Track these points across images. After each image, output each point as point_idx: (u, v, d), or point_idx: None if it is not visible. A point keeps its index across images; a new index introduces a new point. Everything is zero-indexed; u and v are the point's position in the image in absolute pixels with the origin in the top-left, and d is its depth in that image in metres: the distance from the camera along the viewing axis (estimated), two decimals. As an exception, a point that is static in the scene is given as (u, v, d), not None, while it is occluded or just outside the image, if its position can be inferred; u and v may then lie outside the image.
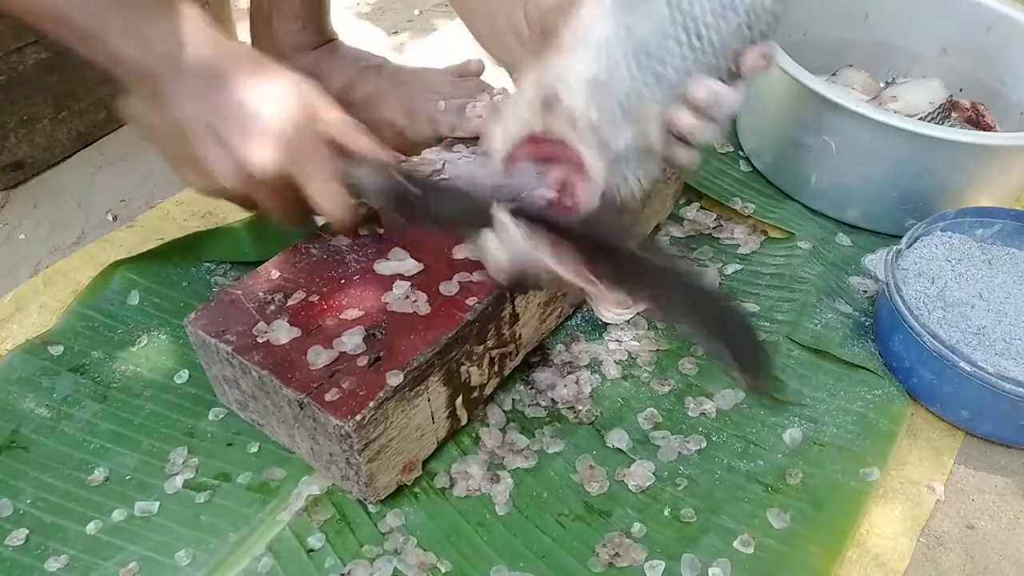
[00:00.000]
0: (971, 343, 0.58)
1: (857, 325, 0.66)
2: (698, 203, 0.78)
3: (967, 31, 0.85)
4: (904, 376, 0.61)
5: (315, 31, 0.77)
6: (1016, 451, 0.59)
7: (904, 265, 0.64)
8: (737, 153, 0.84)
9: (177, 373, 0.60)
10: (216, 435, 0.56)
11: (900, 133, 0.67)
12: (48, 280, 0.68)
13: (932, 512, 0.55)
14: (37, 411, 0.57)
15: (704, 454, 0.56)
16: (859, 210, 0.75)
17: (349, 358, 0.49)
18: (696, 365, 0.62)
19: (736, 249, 0.73)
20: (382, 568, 0.49)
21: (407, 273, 0.55)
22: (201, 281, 0.66)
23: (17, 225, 0.77)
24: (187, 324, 0.52)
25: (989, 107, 0.81)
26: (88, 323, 0.63)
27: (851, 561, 0.51)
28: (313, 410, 0.47)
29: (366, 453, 0.48)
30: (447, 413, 0.54)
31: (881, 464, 0.55)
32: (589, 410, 0.58)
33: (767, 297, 0.68)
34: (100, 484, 0.53)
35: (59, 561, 0.49)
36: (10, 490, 0.53)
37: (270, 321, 0.51)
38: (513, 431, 0.57)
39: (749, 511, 0.53)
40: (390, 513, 0.52)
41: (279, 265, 0.56)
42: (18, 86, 0.77)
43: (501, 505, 0.53)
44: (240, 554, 0.50)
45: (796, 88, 0.72)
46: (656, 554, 0.50)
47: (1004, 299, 0.61)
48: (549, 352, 0.62)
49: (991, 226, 0.67)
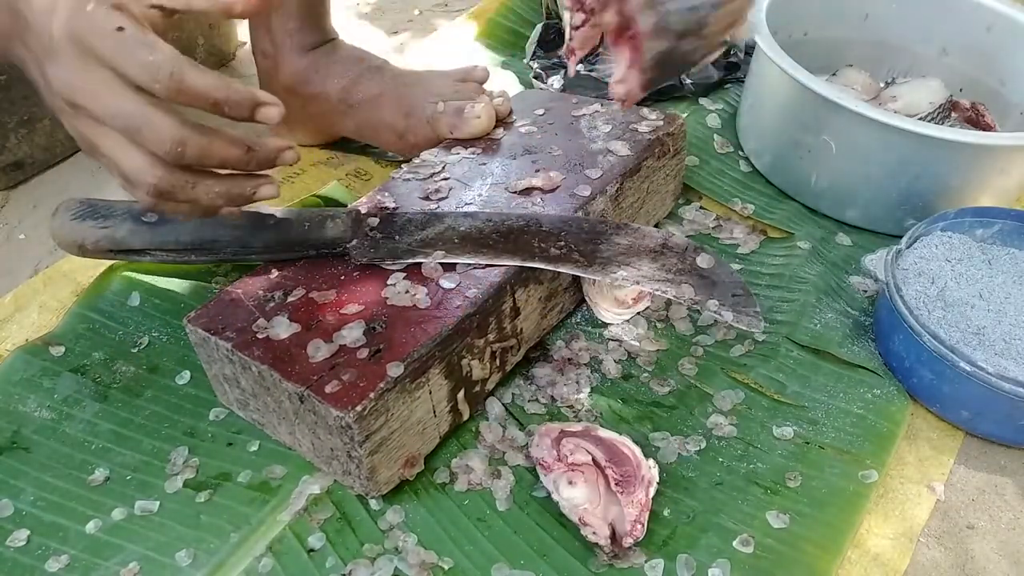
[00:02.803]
0: (971, 343, 0.58)
1: (857, 325, 0.66)
2: (698, 203, 0.78)
3: (967, 31, 0.85)
4: (904, 376, 0.61)
5: (314, 31, 0.77)
6: (1016, 451, 0.59)
7: (904, 265, 0.64)
8: (737, 153, 0.84)
9: (178, 374, 0.60)
10: (217, 435, 0.56)
11: (900, 133, 0.67)
12: (48, 280, 0.68)
13: (932, 512, 0.55)
14: (38, 412, 0.57)
15: (704, 455, 0.56)
16: (859, 210, 0.75)
17: (349, 351, 0.50)
18: (696, 365, 0.62)
19: (736, 249, 0.73)
20: (383, 567, 0.49)
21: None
22: (201, 282, 0.66)
23: (17, 225, 0.77)
24: (187, 323, 0.53)
25: (989, 107, 0.81)
26: (89, 324, 0.63)
27: (851, 561, 0.51)
28: (313, 403, 0.47)
29: (367, 445, 0.48)
30: (449, 407, 0.54)
31: (880, 467, 0.56)
32: (588, 409, 0.58)
33: (767, 297, 0.68)
34: (101, 484, 0.53)
35: (59, 561, 0.49)
36: (11, 490, 0.53)
37: (270, 318, 0.52)
38: (512, 427, 0.57)
39: (749, 512, 0.53)
40: (390, 510, 0.52)
41: (279, 264, 0.56)
42: (18, 86, 0.77)
43: (502, 501, 0.53)
44: (241, 554, 0.50)
45: (796, 88, 0.72)
46: (656, 554, 0.50)
47: (1004, 299, 0.61)
48: (549, 348, 0.62)
49: (991, 226, 0.67)
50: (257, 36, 0.77)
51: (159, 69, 0.40)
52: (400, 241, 0.57)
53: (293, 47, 0.76)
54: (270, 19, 0.75)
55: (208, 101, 0.42)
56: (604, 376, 0.61)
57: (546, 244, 0.57)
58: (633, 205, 0.67)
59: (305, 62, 0.76)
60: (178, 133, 0.42)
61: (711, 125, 0.86)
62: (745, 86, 0.84)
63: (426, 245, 0.56)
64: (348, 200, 0.71)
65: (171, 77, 0.40)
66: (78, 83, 0.42)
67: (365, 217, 0.58)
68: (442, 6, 1.17)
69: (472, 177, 0.64)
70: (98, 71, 0.41)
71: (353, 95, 0.75)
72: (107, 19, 0.40)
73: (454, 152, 0.67)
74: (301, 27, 0.75)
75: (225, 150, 0.44)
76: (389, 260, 0.56)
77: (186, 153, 0.42)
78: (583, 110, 0.72)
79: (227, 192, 0.46)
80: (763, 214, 0.76)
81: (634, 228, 0.60)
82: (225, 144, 0.44)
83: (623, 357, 0.62)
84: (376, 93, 0.75)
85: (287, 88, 0.78)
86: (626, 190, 0.65)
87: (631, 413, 0.59)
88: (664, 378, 0.61)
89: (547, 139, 0.68)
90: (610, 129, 0.69)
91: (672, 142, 0.69)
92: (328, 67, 0.76)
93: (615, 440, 0.53)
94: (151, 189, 0.44)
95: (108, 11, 0.41)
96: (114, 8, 0.41)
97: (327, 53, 0.77)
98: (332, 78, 0.76)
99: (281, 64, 0.77)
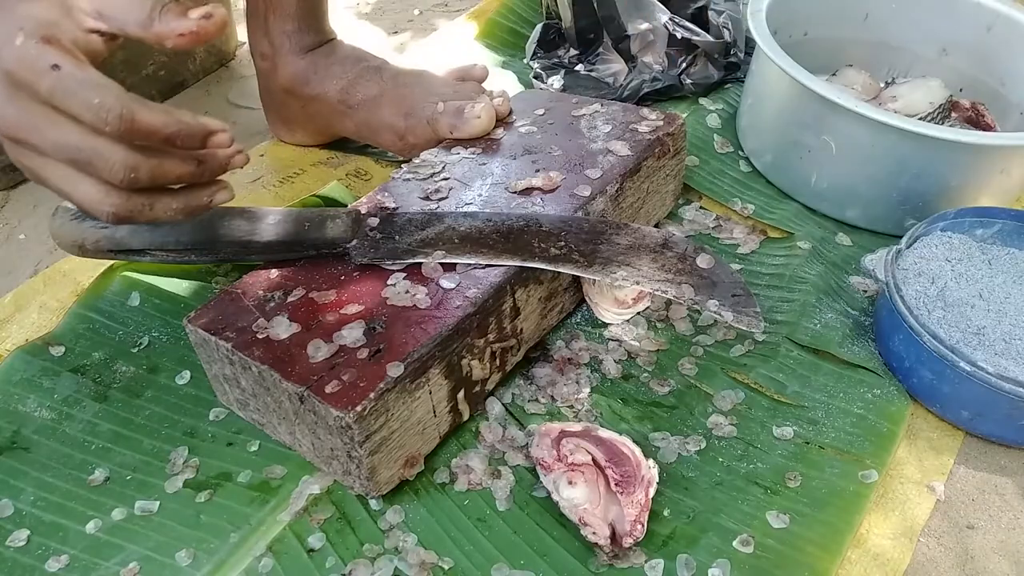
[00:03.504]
0: (971, 343, 0.58)
1: (857, 325, 0.66)
2: (698, 203, 0.78)
3: (967, 31, 0.85)
4: (904, 376, 0.61)
5: (312, 32, 0.76)
6: (1016, 451, 0.59)
7: (904, 265, 0.64)
8: (737, 153, 0.84)
9: (178, 374, 0.60)
10: (217, 435, 0.56)
11: (900, 133, 0.67)
12: (48, 280, 0.68)
13: (932, 512, 0.55)
14: (38, 412, 0.57)
15: (704, 455, 0.56)
16: (859, 210, 0.75)
17: (349, 351, 0.50)
18: (696, 365, 0.62)
19: (736, 249, 0.73)
20: (383, 567, 0.49)
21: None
22: (201, 282, 0.66)
23: (17, 225, 0.77)
24: (187, 323, 0.53)
25: (989, 107, 0.81)
26: (89, 324, 0.63)
27: (851, 561, 0.51)
28: (313, 403, 0.47)
29: (367, 446, 0.48)
30: (449, 407, 0.54)
31: (880, 466, 0.55)
32: (588, 409, 0.58)
33: (767, 297, 0.68)
34: (101, 484, 0.53)
35: (59, 561, 0.49)
36: (11, 490, 0.53)
37: (270, 318, 0.52)
38: (512, 427, 0.57)
39: (749, 512, 0.53)
40: (390, 510, 0.52)
41: (279, 264, 0.56)
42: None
43: (502, 501, 0.53)
44: (241, 554, 0.50)
45: (796, 88, 0.72)
46: (656, 554, 0.50)
47: (1004, 299, 0.61)
48: (549, 348, 0.62)
49: (991, 226, 0.67)
50: (255, 38, 0.77)
51: (108, 111, 0.39)
52: (400, 241, 0.57)
53: (292, 48, 0.76)
54: (268, 21, 0.75)
55: (160, 137, 0.41)
56: (604, 376, 0.61)
57: (546, 244, 0.57)
58: (633, 205, 0.67)
59: (304, 63, 0.76)
60: (130, 160, 0.41)
61: (711, 125, 0.86)
62: (745, 86, 0.84)
63: (426, 245, 0.56)
64: (348, 200, 0.71)
65: (121, 119, 0.39)
66: (16, 118, 0.41)
67: (365, 217, 0.58)
68: (442, 6, 1.17)
69: (472, 177, 0.64)
70: (37, 106, 0.40)
71: (352, 96, 0.75)
72: (40, 56, 0.39)
73: (454, 152, 0.67)
74: (299, 28, 0.75)
75: (177, 168, 0.43)
76: (389, 260, 0.56)
77: (139, 178, 0.42)
78: (583, 110, 0.72)
79: (185, 206, 0.46)
80: (763, 214, 0.76)
81: (634, 228, 0.60)
82: (176, 163, 0.43)
83: (623, 357, 0.62)
84: (375, 94, 0.74)
85: (286, 89, 0.78)
86: (626, 190, 0.65)
87: (631, 413, 0.59)
88: (664, 378, 0.61)
89: (547, 139, 0.68)
90: (610, 129, 0.69)
91: (672, 142, 0.69)
92: (327, 68, 0.76)
93: (615, 440, 0.53)
94: (109, 216, 0.43)
95: (39, 46, 0.39)
96: (44, 42, 0.39)
97: (326, 54, 0.77)
98: (331, 79, 0.76)
99: (280, 65, 0.77)
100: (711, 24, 0.90)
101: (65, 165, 0.42)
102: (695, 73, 0.89)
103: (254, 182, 0.79)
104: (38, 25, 0.40)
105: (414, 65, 0.79)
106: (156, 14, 0.41)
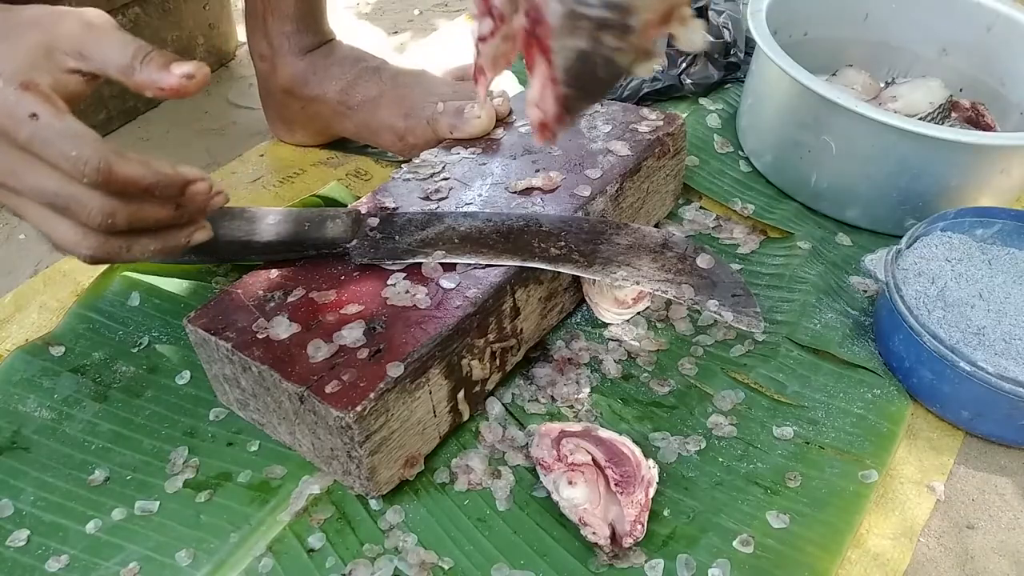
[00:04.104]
0: (971, 343, 0.58)
1: (857, 325, 0.66)
2: (698, 203, 0.78)
3: (967, 31, 0.85)
4: (904, 376, 0.61)
5: (311, 32, 0.76)
6: (1016, 451, 0.59)
7: (904, 265, 0.64)
8: (737, 153, 0.84)
9: (178, 374, 0.60)
10: (217, 435, 0.56)
11: (900, 133, 0.67)
12: (48, 280, 0.68)
13: (932, 512, 0.55)
14: (38, 412, 0.57)
15: (704, 455, 0.56)
16: (859, 210, 0.75)
17: (349, 351, 0.50)
18: (696, 365, 0.62)
19: (736, 249, 0.73)
20: (383, 567, 0.49)
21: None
22: (201, 282, 0.66)
23: (17, 225, 0.77)
24: (187, 323, 0.53)
25: (989, 107, 0.81)
26: (89, 324, 0.63)
27: (851, 561, 0.51)
28: (313, 403, 0.47)
29: (367, 446, 0.48)
30: (449, 407, 0.54)
31: (880, 466, 0.55)
32: (588, 409, 0.58)
33: (767, 297, 0.68)
34: (101, 484, 0.53)
35: (59, 561, 0.49)
36: (11, 490, 0.53)
37: (270, 318, 0.52)
38: (512, 427, 0.57)
39: (749, 512, 0.53)
40: (390, 510, 0.52)
41: (279, 264, 0.56)
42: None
43: (502, 501, 0.53)
44: (241, 554, 0.50)
45: (796, 88, 0.72)
46: (656, 554, 0.50)
47: (1004, 299, 0.61)
48: (549, 348, 0.62)
49: (991, 226, 0.67)
50: (254, 39, 0.77)
51: (85, 163, 0.39)
52: (400, 241, 0.57)
53: (291, 49, 0.76)
54: (266, 22, 0.75)
55: (138, 188, 0.41)
56: (604, 376, 0.61)
57: (546, 244, 0.57)
58: (633, 205, 0.67)
59: (303, 64, 0.76)
60: (107, 206, 0.41)
61: (711, 125, 0.86)
62: (745, 86, 0.84)
63: (426, 245, 0.56)
64: (348, 200, 0.71)
65: (98, 171, 0.39)
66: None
67: (365, 217, 0.58)
68: (442, 6, 1.17)
69: (472, 177, 0.64)
70: (15, 152, 0.40)
71: (352, 96, 0.75)
72: (19, 104, 0.39)
73: (454, 152, 0.67)
74: (298, 29, 0.75)
75: (156, 213, 0.43)
76: (389, 260, 0.56)
77: (117, 224, 0.42)
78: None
79: (163, 247, 0.45)
80: (763, 214, 0.76)
81: (634, 228, 0.60)
82: (155, 208, 0.43)
83: (623, 357, 0.62)
84: (375, 94, 0.75)
85: (285, 90, 0.78)
86: (626, 190, 0.65)
87: (631, 413, 0.59)
88: (664, 378, 0.61)
89: (547, 139, 0.68)
90: (610, 129, 0.69)
91: (672, 142, 0.69)
92: (326, 69, 0.76)
93: (615, 440, 0.53)
94: (86, 259, 0.43)
95: (18, 93, 0.39)
96: (23, 88, 0.39)
97: (325, 54, 0.77)
98: (330, 80, 0.76)
99: (279, 66, 0.77)
100: (711, 24, 0.90)
101: (43, 207, 0.42)
102: (695, 73, 0.89)
103: (254, 182, 0.79)
104: (17, 69, 0.40)
105: (414, 65, 0.79)
106: (138, 63, 0.41)
